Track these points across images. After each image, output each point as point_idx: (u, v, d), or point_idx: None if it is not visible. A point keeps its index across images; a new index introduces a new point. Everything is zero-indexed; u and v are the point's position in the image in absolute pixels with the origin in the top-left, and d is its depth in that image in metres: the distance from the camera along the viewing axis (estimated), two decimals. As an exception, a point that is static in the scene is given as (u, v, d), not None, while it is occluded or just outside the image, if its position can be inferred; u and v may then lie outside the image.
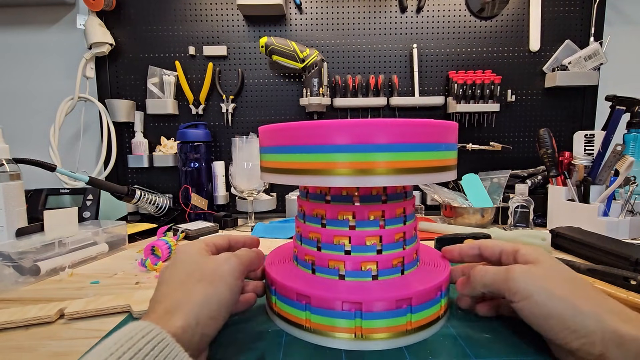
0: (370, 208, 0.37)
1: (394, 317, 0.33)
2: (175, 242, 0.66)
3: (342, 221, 0.37)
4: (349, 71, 1.08)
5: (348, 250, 0.37)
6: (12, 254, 0.54)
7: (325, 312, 0.34)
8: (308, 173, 0.33)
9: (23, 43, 1.14)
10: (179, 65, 1.07)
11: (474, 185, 0.93)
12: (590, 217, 0.75)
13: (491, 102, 1.02)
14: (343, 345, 0.34)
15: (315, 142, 0.32)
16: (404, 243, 0.38)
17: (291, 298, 0.36)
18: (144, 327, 0.24)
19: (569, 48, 1.03)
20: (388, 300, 0.33)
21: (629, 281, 0.44)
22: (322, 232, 0.38)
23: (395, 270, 0.38)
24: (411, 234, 0.39)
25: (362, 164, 0.31)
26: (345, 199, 0.38)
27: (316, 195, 0.39)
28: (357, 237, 0.36)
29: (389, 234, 0.37)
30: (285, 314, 0.37)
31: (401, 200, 0.39)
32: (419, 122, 0.32)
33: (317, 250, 0.38)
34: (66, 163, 1.09)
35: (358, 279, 0.36)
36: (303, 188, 0.41)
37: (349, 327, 0.33)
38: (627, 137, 0.83)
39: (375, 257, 0.37)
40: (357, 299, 0.33)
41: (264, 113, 1.10)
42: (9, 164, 0.66)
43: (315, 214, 0.39)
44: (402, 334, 0.34)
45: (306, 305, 0.35)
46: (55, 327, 0.40)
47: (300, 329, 0.35)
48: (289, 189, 1.09)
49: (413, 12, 1.06)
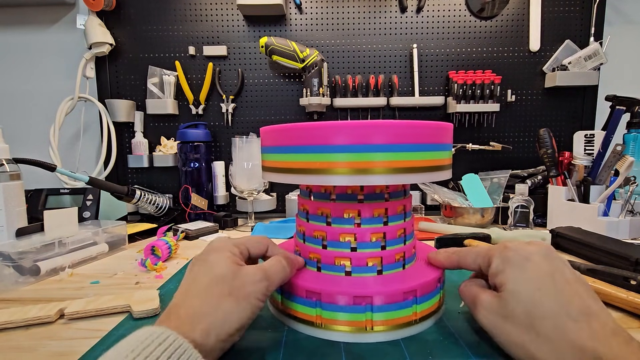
0: (375, 206, 0.38)
1: (402, 309, 0.35)
2: (175, 242, 0.66)
3: (348, 219, 0.38)
4: (349, 71, 1.08)
5: (354, 247, 0.38)
6: (12, 254, 0.54)
7: (337, 307, 0.35)
8: (309, 172, 0.34)
9: (23, 43, 1.14)
10: (179, 65, 1.07)
11: (474, 185, 0.93)
12: (590, 217, 0.75)
13: (491, 102, 1.02)
14: (351, 339, 0.35)
15: (316, 142, 0.34)
16: (404, 239, 0.40)
17: (301, 296, 0.37)
18: (161, 333, 0.23)
19: (569, 48, 1.03)
20: (396, 293, 0.35)
21: (629, 281, 0.44)
22: (328, 230, 0.39)
23: (398, 265, 0.39)
24: (410, 230, 0.41)
25: (361, 163, 0.33)
26: (350, 198, 0.39)
27: (320, 195, 0.40)
28: (362, 234, 0.38)
29: (392, 231, 0.38)
30: (294, 312, 0.37)
31: (401, 198, 0.40)
32: (415, 123, 0.34)
33: (323, 248, 0.39)
34: (66, 163, 1.09)
35: (364, 274, 0.38)
36: (305, 187, 0.42)
37: (360, 321, 0.34)
38: (627, 137, 0.83)
39: (380, 252, 0.38)
40: (368, 292, 0.34)
41: (264, 113, 1.10)
42: (9, 164, 0.66)
43: (320, 213, 0.39)
44: (409, 325, 0.35)
45: (317, 302, 0.36)
46: (55, 327, 0.40)
47: (310, 326, 0.36)
48: (289, 189, 1.09)
49: (413, 12, 1.06)
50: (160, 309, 0.42)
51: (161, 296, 0.45)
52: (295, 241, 0.44)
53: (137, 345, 0.22)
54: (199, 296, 0.29)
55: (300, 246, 0.42)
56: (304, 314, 0.36)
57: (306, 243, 0.41)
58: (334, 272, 0.38)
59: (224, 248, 0.34)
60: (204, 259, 0.33)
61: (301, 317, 0.37)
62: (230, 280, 0.31)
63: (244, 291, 0.31)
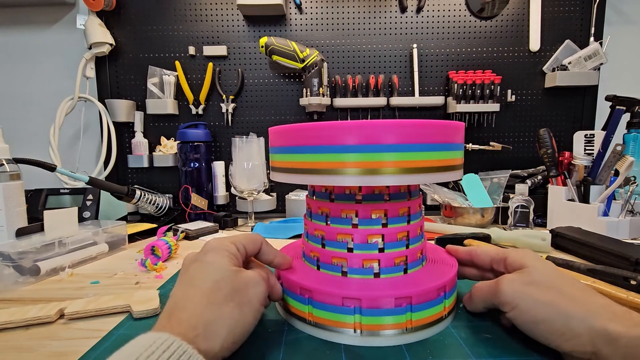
0: (373, 207, 0.37)
1: (393, 315, 0.34)
2: (175, 242, 0.66)
3: (345, 219, 0.38)
4: (349, 71, 1.08)
5: (351, 247, 0.38)
6: (12, 254, 0.54)
7: (327, 306, 0.35)
8: (317, 173, 0.34)
9: (23, 43, 1.14)
10: (179, 65, 1.07)
11: (474, 185, 0.93)
12: (590, 217, 0.75)
13: (491, 102, 1.02)
14: (343, 340, 0.34)
15: (325, 142, 0.33)
16: (407, 242, 0.39)
17: (294, 292, 0.37)
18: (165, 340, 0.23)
19: (569, 48, 1.03)
20: (387, 298, 0.34)
21: (629, 281, 0.44)
22: (326, 230, 0.39)
23: (398, 269, 0.38)
24: (415, 233, 0.40)
25: (370, 163, 0.32)
26: (349, 198, 0.38)
27: (321, 194, 0.40)
28: (359, 235, 0.37)
29: (392, 233, 0.38)
30: (289, 307, 0.38)
31: (405, 200, 0.39)
32: (426, 122, 0.33)
33: (322, 247, 0.39)
34: (66, 163, 1.09)
35: (360, 276, 0.37)
36: (311, 187, 0.42)
37: (349, 323, 0.34)
38: (627, 137, 0.83)
39: (377, 255, 0.37)
40: (357, 295, 0.34)
41: (264, 113, 1.10)
42: (9, 164, 0.66)
43: (320, 212, 0.40)
44: (402, 332, 0.34)
45: (308, 299, 0.36)
46: (55, 327, 0.40)
47: (302, 322, 0.37)
48: (289, 189, 1.09)
49: (413, 12, 1.06)
50: (160, 309, 0.42)
51: (161, 296, 0.45)
52: (302, 239, 0.45)
53: (142, 352, 0.21)
54: (201, 301, 0.28)
55: (305, 244, 0.43)
56: (297, 309, 0.37)
57: (309, 241, 0.41)
58: (331, 272, 0.38)
59: (221, 247, 0.33)
60: (202, 260, 0.32)
61: (295, 312, 0.38)
62: (231, 284, 0.30)
63: (246, 296, 0.31)
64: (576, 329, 0.28)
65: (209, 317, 0.28)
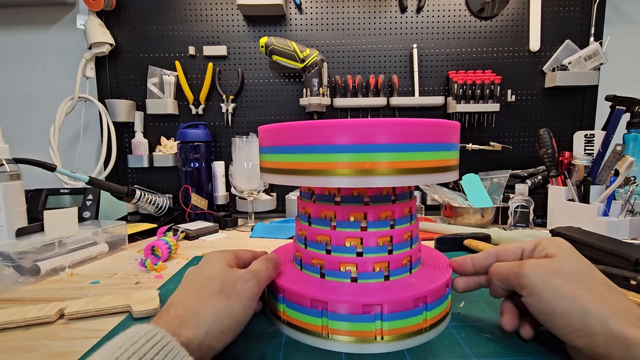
0: (382, 208, 0.36)
1: (412, 317, 0.33)
2: (175, 242, 0.66)
3: (354, 222, 0.36)
4: (349, 71, 1.08)
5: (360, 252, 0.36)
6: (12, 254, 0.54)
7: (345, 317, 0.33)
8: (309, 173, 0.33)
9: (23, 43, 1.14)
10: (179, 65, 1.06)
11: (474, 185, 0.93)
12: (590, 217, 0.75)
13: (491, 102, 1.02)
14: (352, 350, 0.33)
15: (317, 142, 0.32)
16: (411, 242, 0.38)
17: (305, 305, 0.34)
18: (149, 331, 0.24)
19: (569, 48, 1.03)
20: (407, 300, 0.33)
21: (629, 281, 0.44)
22: (332, 235, 0.36)
23: (405, 270, 0.37)
24: (416, 232, 0.39)
25: (364, 164, 0.31)
26: (356, 200, 0.37)
27: (324, 197, 0.38)
28: (369, 238, 0.36)
29: (399, 234, 0.37)
30: (297, 322, 0.35)
31: (407, 200, 0.39)
32: (421, 121, 0.32)
33: (327, 253, 0.37)
34: (66, 163, 1.09)
35: (371, 280, 0.36)
36: (307, 189, 0.40)
37: (370, 330, 0.33)
38: (627, 137, 0.83)
39: (387, 257, 0.36)
40: (377, 300, 0.32)
41: (264, 113, 1.10)
42: (9, 164, 0.66)
43: (324, 216, 0.37)
44: (418, 333, 0.34)
45: (322, 312, 0.33)
46: (55, 327, 0.40)
47: (315, 337, 0.34)
48: (289, 189, 1.09)
49: (413, 12, 1.06)
50: (159, 309, 0.42)
51: (161, 296, 0.45)
52: (296, 245, 0.42)
53: (125, 342, 0.23)
54: (189, 296, 0.31)
55: (301, 251, 0.40)
56: (309, 324, 0.34)
57: (308, 248, 0.39)
58: (339, 279, 0.36)
59: (218, 257, 0.36)
60: (201, 263, 0.35)
61: (306, 327, 0.35)
62: (221, 279, 0.32)
63: (235, 289, 0.32)
64: (593, 327, 0.27)
65: (195, 308, 0.29)
